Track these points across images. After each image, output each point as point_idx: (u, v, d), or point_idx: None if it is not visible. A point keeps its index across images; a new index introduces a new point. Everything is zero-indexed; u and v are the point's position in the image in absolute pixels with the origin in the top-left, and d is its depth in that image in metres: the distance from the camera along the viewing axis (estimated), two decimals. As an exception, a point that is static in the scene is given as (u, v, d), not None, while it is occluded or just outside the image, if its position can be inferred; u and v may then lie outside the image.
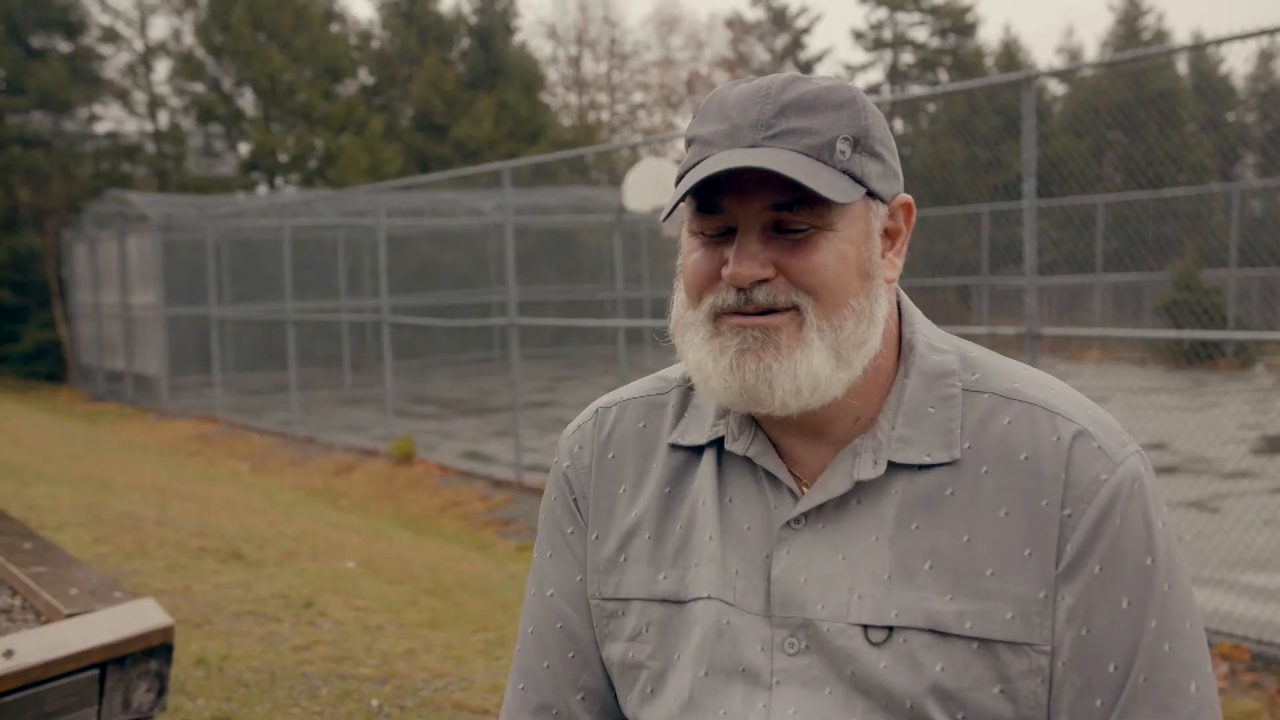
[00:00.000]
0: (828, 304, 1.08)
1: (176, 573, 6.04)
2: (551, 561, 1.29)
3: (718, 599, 1.15)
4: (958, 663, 1.07)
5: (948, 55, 33.90)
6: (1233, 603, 5.85)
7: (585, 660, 1.25)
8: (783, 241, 1.09)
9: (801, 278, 1.08)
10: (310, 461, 12.49)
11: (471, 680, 4.51)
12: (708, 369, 1.11)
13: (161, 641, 2.28)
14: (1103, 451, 1.10)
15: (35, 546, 2.92)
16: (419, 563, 7.32)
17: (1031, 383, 1.16)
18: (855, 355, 1.10)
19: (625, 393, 1.32)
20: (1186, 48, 6.45)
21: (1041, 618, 1.07)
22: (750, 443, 1.17)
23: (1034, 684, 1.07)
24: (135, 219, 19.37)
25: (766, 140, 1.07)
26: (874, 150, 1.11)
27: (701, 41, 42.67)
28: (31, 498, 7.72)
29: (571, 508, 1.28)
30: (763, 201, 1.08)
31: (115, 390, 20.40)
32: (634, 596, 1.21)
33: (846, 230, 1.09)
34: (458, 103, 29.10)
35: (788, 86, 1.10)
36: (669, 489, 1.22)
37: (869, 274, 1.11)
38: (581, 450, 1.29)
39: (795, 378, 1.08)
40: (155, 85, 28.25)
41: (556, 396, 16.63)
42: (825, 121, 1.08)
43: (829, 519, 1.13)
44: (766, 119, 1.08)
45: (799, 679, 1.11)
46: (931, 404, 1.14)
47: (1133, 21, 33.83)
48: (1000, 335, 6.76)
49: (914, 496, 1.11)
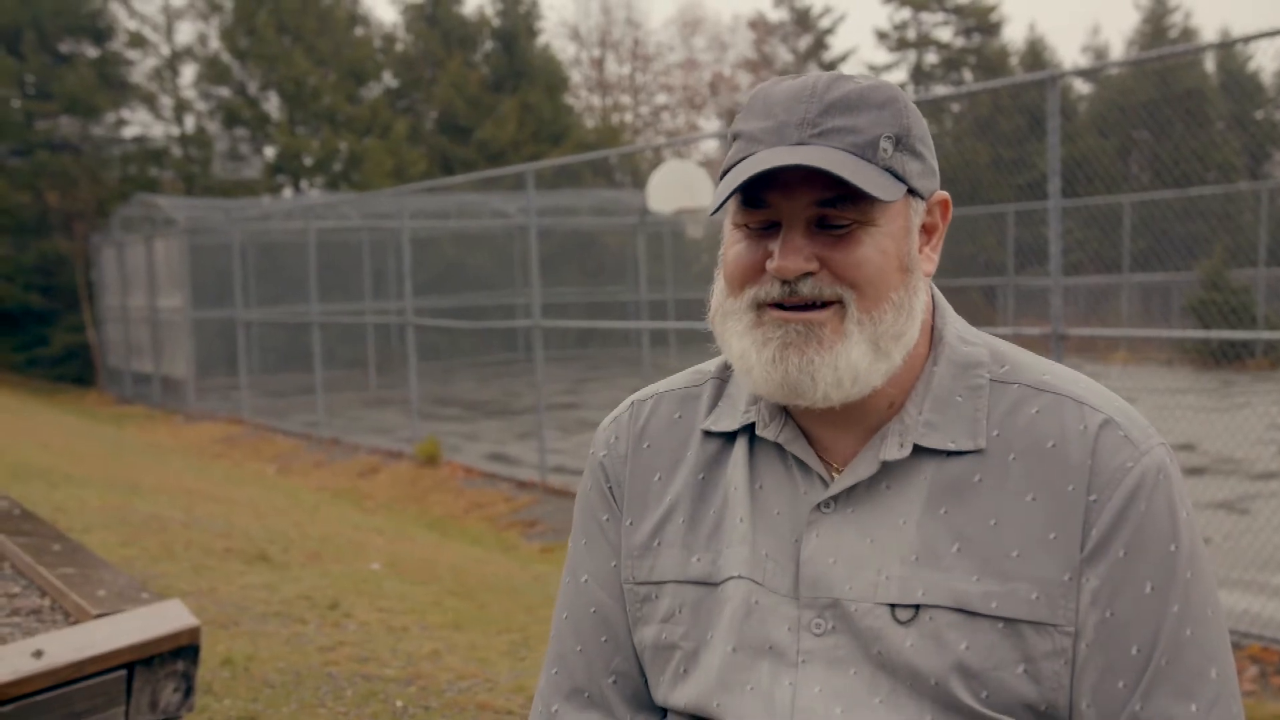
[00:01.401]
0: (870, 297, 1.11)
1: (203, 574, 6.07)
2: (586, 549, 1.31)
3: (748, 578, 1.18)
4: (983, 642, 1.08)
5: (972, 55, 33.74)
6: (1262, 604, 5.79)
7: (617, 644, 1.27)
8: (826, 236, 1.11)
9: (845, 271, 1.11)
10: (335, 463, 12.54)
11: (496, 681, 4.52)
12: (751, 359, 1.14)
13: (188, 642, 2.29)
14: (1129, 440, 1.12)
15: (64, 548, 2.94)
16: (443, 564, 7.34)
17: (1059, 376, 1.19)
18: (894, 347, 1.13)
19: (661, 386, 1.35)
20: (1214, 46, 6.40)
21: (1065, 599, 1.09)
22: (781, 429, 1.20)
23: (1057, 664, 1.09)
24: (162, 222, 19.50)
25: (813, 138, 1.10)
26: (914, 149, 1.14)
27: (725, 43, 42.67)
28: (60, 500, 7.78)
29: (607, 495, 1.31)
30: (808, 197, 1.10)
31: (143, 393, 20.54)
32: (668, 579, 1.23)
33: (888, 226, 1.12)
34: (481, 105, 29.17)
35: (832, 85, 1.13)
36: (703, 475, 1.25)
37: (908, 268, 1.14)
38: (617, 440, 1.32)
39: (837, 369, 1.11)
40: (181, 89, 28.45)
41: (580, 398, 16.64)
42: (868, 120, 1.11)
43: (858, 503, 1.15)
44: (812, 117, 1.11)
45: (825, 658, 1.13)
46: (959, 393, 1.17)
47: (1159, 19, 33.58)
48: (1026, 336, 6.73)
49: (942, 482, 1.14)
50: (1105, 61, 32.40)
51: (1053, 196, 6.07)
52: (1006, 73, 31.68)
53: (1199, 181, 19.43)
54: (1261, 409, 11.97)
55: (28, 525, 3.24)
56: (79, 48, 26.80)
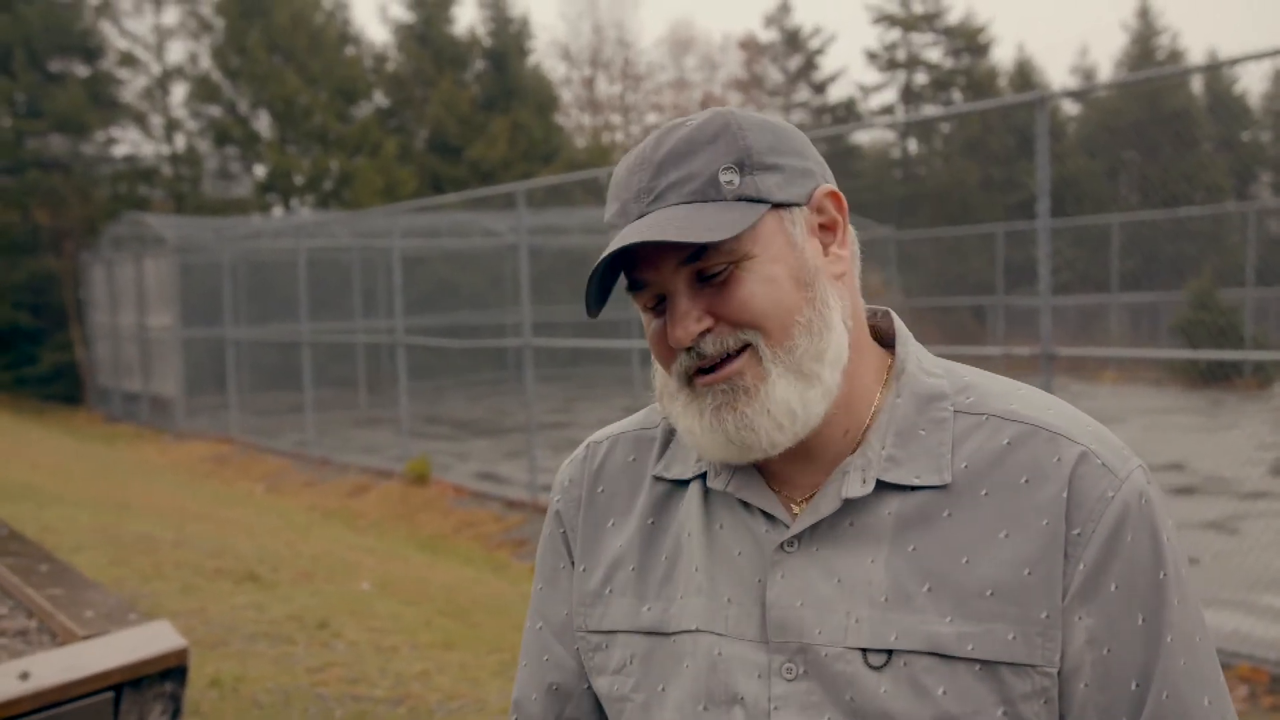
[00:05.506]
0: (774, 330, 1.08)
1: (192, 594, 6.04)
2: (542, 595, 1.31)
3: (707, 631, 1.14)
4: (960, 686, 1.05)
5: (961, 75, 33.92)
6: (1252, 624, 5.80)
7: (569, 693, 1.27)
8: (708, 288, 1.09)
9: (738, 316, 1.08)
10: (325, 482, 12.51)
11: (486, 701, 4.50)
12: (696, 431, 1.12)
13: (177, 663, 2.28)
14: (1107, 469, 1.08)
15: (52, 568, 2.93)
16: (433, 584, 7.31)
17: (1028, 403, 1.15)
18: (819, 367, 1.09)
19: (617, 427, 1.32)
20: (1201, 68, 6.45)
21: (1044, 639, 1.06)
22: (731, 478, 1.17)
23: (1037, 705, 1.06)
24: (152, 241, 19.48)
25: (650, 205, 1.08)
26: (764, 164, 1.10)
27: (715, 63, 42.88)
28: (49, 519, 7.75)
29: (560, 542, 1.29)
30: (673, 261, 1.08)
31: (132, 411, 20.47)
32: (618, 629, 1.21)
33: (765, 252, 1.09)
34: (472, 124, 29.23)
35: (660, 143, 1.11)
36: (652, 520, 1.22)
37: (807, 281, 1.10)
38: (572, 484, 1.30)
39: (770, 413, 1.08)
40: (172, 108, 28.48)
41: (571, 417, 16.64)
42: (701, 161, 1.09)
43: (822, 541, 1.12)
44: (646, 184, 1.09)
45: (797, 704, 1.09)
46: (922, 426, 1.13)
47: (1147, 41, 33.80)
48: (1015, 356, 6.74)
49: (909, 518, 1.10)
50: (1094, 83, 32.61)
51: (1042, 216, 6.10)
52: (995, 93, 31.84)
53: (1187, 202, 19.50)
54: (1250, 429, 12.01)
55: (15, 545, 3.22)
56: (69, 66, 26.82)
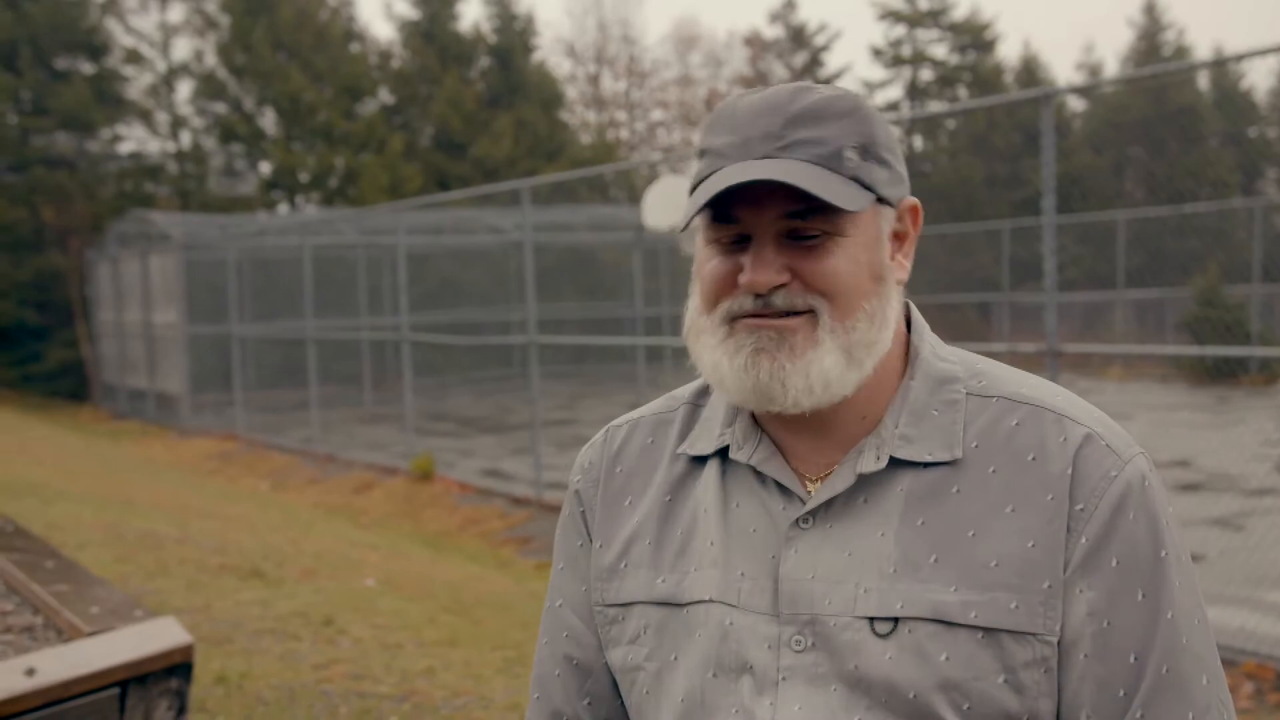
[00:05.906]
0: (842, 307, 1.12)
1: (197, 591, 6.05)
2: (562, 574, 1.34)
3: (720, 601, 1.18)
4: (963, 652, 1.08)
5: (967, 72, 33.86)
6: (1258, 621, 5.78)
7: (589, 667, 1.30)
8: (797, 248, 1.12)
9: (817, 282, 1.12)
10: (330, 479, 12.52)
11: (490, 698, 4.51)
12: (723, 368, 1.15)
13: (182, 660, 2.28)
14: (1111, 450, 1.13)
15: (57, 565, 2.93)
16: (438, 580, 7.32)
17: (1037, 388, 1.19)
18: (866, 355, 1.13)
19: (636, 413, 1.37)
20: (1208, 64, 6.44)
21: (1045, 608, 1.09)
22: (754, 450, 1.20)
23: (1038, 674, 1.09)
24: (158, 238, 19.50)
25: (778, 151, 1.11)
26: (880, 157, 1.14)
27: (720, 59, 42.81)
28: (54, 516, 7.76)
29: (580, 521, 1.33)
30: (776, 210, 1.11)
31: (137, 408, 20.51)
32: (634, 600, 1.24)
33: (858, 235, 1.13)
34: (477, 121, 29.22)
35: (795, 97, 1.13)
36: (669, 497, 1.26)
37: (880, 276, 1.15)
38: (592, 466, 1.34)
39: (808, 377, 1.11)
40: (177, 105, 28.48)
41: (576, 414, 16.64)
42: (833, 131, 1.12)
43: (835, 518, 1.16)
44: (777, 130, 1.12)
45: (805, 675, 1.13)
46: (935, 407, 1.18)
47: (1153, 37, 33.72)
48: (1021, 352, 6.73)
49: (919, 494, 1.14)
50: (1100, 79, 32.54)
51: (1047, 213, 6.09)
52: (1001, 90, 31.79)
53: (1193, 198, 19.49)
54: (1256, 425, 11.99)
55: (21, 542, 3.23)
56: (75, 64, 26.84)
